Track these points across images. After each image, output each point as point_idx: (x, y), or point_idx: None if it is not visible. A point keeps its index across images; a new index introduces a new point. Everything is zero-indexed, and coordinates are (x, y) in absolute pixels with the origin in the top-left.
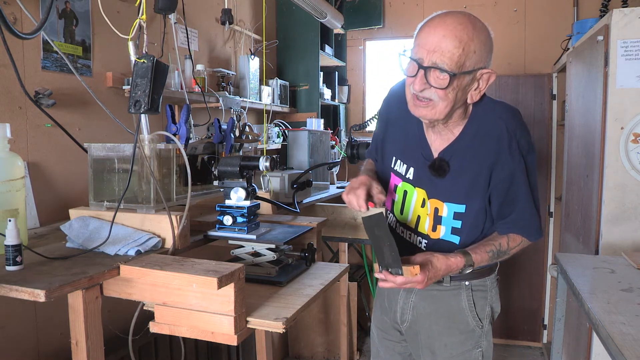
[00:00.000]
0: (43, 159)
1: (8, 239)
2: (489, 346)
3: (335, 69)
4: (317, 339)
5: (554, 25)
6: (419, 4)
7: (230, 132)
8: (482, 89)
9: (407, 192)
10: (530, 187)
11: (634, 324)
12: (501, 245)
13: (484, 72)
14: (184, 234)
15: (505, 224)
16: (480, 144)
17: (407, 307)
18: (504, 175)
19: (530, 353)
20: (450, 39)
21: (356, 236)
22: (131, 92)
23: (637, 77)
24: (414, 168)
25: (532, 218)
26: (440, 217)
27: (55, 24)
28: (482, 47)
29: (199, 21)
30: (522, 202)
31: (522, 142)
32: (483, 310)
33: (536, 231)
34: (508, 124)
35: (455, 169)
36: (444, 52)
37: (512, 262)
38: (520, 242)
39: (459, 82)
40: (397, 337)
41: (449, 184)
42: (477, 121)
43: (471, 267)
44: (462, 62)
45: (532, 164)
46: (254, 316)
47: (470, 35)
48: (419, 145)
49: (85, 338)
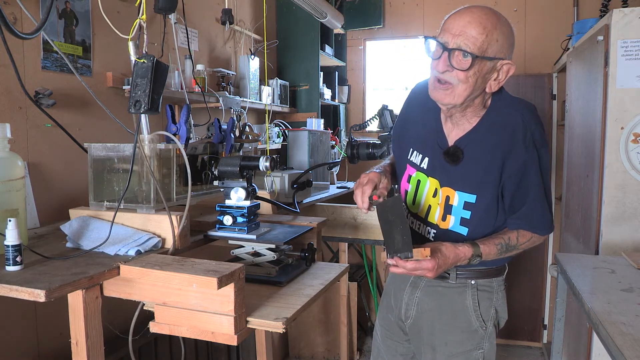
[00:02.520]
0: (43, 159)
1: (8, 239)
2: (491, 349)
3: (335, 69)
4: (317, 339)
5: (554, 25)
6: (419, 4)
7: (230, 132)
8: (502, 80)
9: (420, 181)
10: (542, 180)
11: (634, 324)
12: (510, 239)
13: (504, 63)
14: (184, 234)
15: (516, 219)
16: (495, 134)
17: (412, 303)
18: (517, 166)
19: (530, 353)
20: (475, 25)
21: (356, 236)
22: (131, 92)
23: (637, 77)
24: (428, 158)
25: (543, 212)
26: (451, 206)
27: (55, 24)
28: (505, 38)
29: (199, 21)
30: (534, 195)
31: (537, 135)
32: (487, 311)
33: (547, 226)
34: (524, 116)
35: (469, 157)
36: (468, 36)
37: (513, 262)
38: (530, 237)
39: (480, 67)
40: (401, 337)
41: (461, 172)
42: (494, 113)
43: (479, 258)
44: (484, 48)
45: (545, 158)
46: (254, 316)
47: (494, 24)
48: (436, 136)
49: (85, 338)
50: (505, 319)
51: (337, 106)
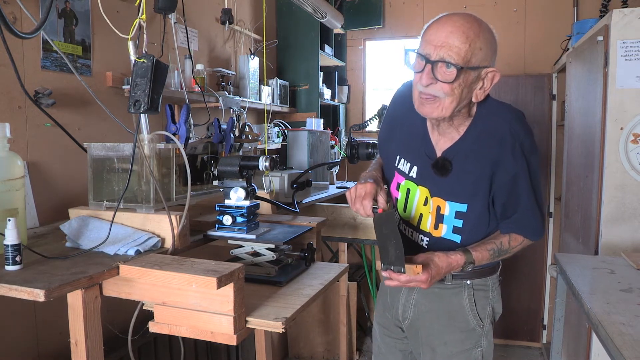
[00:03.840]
0: (43, 159)
1: (7, 239)
2: (489, 346)
3: (335, 69)
4: (317, 339)
5: (554, 26)
6: (418, 4)
7: (230, 132)
8: (487, 89)
9: (410, 190)
10: (532, 187)
11: (633, 324)
12: (502, 244)
13: (489, 71)
14: (183, 234)
15: (508, 224)
16: (483, 145)
17: (409, 305)
18: (507, 178)
19: (530, 353)
20: (457, 35)
21: (356, 236)
22: (131, 91)
23: (636, 77)
24: (417, 167)
25: (534, 218)
26: (443, 215)
27: (55, 23)
28: (488, 45)
29: (199, 21)
30: (525, 203)
31: (526, 143)
32: (484, 309)
33: (538, 231)
34: (511, 126)
35: (457, 168)
36: (451, 47)
37: (512, 262)
38: (521, 241)
39: (465, 78)
40: (399, 334)
41: (451, 183)
42: (481, 122)
43: (472, 264)
44: (468, 58)
45: (535, 165)
46: (254, 316)
47: (477, 33)
48: (423, 144)
49: (84, 338)
50: (500, 313)
51: (337, 106)
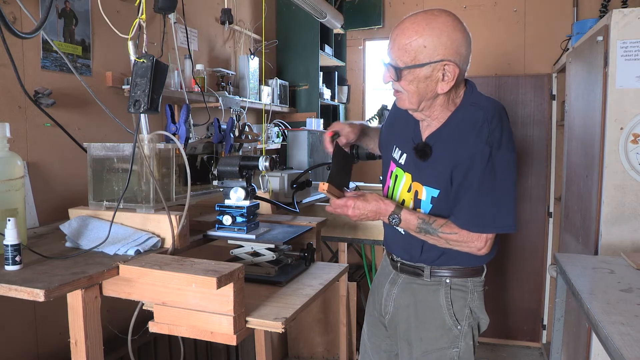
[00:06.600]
0: (43, 159)
1: (7, 239)
2: (467, 349)
3: (335, 69)
4: (317, 339)
5: (554, 26)
6: (418, 4)
7: (230, 132)
8: (451, 80)
9: (398, 176)
10: (494, 180)
11: (633, 324)
12: (434, 222)
13: (445, 64)
14: (183, 234)
15: (454, 210)
16: (460, 131)
17: (390, 299)
18: (464, 156)
19: (530, 353)
20: (400, 37)
21: (356, 236)
22: (131, 91)
23: (636, 77)
24: (406, 154)
25: (482, 211)
26: (420, 200)
27: (55, 23)
28: (436, 40)
29: (199, 21)
30: (476, 191)
31: (496, 134)
32: (461, 310)
33: (481, 225)
34: (487, 113)
35: (436, 154)
36: (396, 48)
37: (512, 262)
38: (457, 231)
39: (414, 75)
40: (383, 333)
41: (429, 168)
42: (462, 111)
43: (397, 218)
44: (412, 57)
45: (503, 161)
46: (253, 316)
47: (420, 32)
48: (413, 132)
49: (84, 338)
50: (487, 322)
51: (337, 106)
